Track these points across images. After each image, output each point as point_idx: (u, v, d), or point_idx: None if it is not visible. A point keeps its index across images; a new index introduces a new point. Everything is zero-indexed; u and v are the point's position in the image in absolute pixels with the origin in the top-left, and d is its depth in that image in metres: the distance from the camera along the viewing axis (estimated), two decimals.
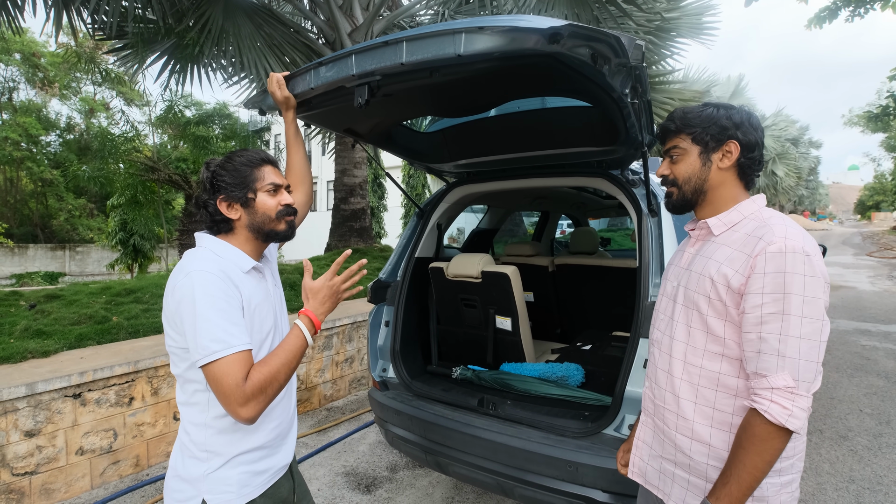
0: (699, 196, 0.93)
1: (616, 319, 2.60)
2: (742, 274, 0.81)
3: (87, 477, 2.24)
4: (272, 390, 0.87)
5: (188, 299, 0.85)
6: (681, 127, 0.93)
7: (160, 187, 10.55)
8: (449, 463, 1.68)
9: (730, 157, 0.90)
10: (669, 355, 0.93)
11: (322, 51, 5.29)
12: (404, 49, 1.06)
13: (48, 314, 2.95)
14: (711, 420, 0.86)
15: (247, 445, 0.94)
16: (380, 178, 15.52)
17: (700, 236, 0.95)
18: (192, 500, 0.91)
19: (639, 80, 1.15)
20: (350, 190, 6.26)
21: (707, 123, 0.90)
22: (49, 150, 16.36)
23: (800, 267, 0.77)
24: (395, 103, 1.48)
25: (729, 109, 0.91)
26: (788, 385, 0.75)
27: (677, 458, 0.91)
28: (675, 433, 0.91)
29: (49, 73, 15.43)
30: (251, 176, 0.97)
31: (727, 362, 0.85)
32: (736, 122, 0.89)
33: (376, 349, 2.04)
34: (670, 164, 0.95)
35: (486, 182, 2.09)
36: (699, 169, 0.92)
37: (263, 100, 1.38)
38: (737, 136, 0.89)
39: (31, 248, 16.33)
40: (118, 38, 4.96)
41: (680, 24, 5.55)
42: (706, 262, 0.88)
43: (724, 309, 0.84)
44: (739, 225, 0.88)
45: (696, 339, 0.88)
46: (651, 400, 0.98)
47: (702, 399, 0.87)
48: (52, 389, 2.11)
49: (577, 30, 0.96)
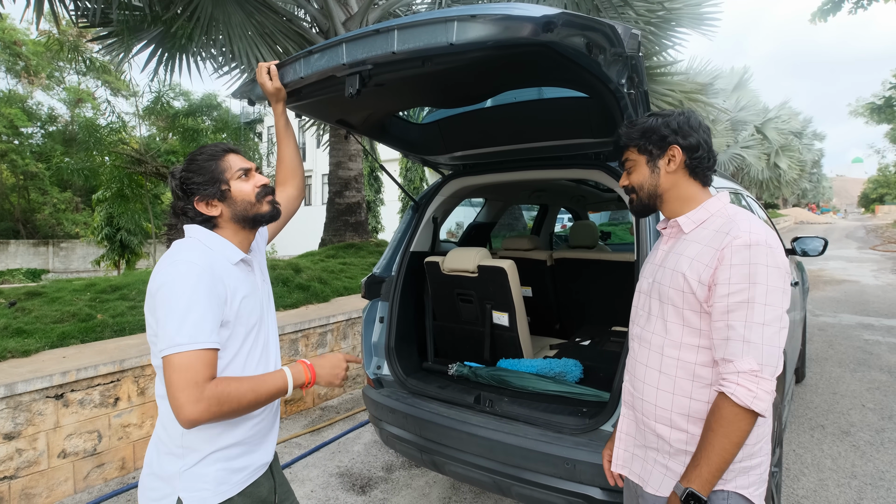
0: (655, 199, 1.00)
1: (616, 314, 2.58)
2: (710, 267, 0.87)
3: (69, 481, 2.16)
4: (228, 408, 0.82)
5: (168, 287, 0.84)
6: (626, 142, 1.01)
7: (148, 181, 10.34)
8: (445, 462, 1.65)
9: (674, 160, 0.97)
10: (648, 349, 0.97)
11: (316, 40, 5.17)
12: (395, 37, 1.05)
13: (29, 312, 2.85)
14: (689, 409, 0.91)
15: (225, 441, 0.91)
16: (376, 171, 15.40)
17: (672, 234, 1.00)
18: (167, 499, 0.88)
19: (635, 69, 1.14)
20: (345, 183, 6.17)
21: (648, 134, 0.97)
22: (32, 142, 15.96)
23: (762, 258, 0.83)
24: (388, 93, 1.45)
25: (667, 117, 0.98)
26: (753, 369, 0.80)
27: (659, 446, 0.95)
28: (654, 423, 0.95)
29: (32, 63, 15.00)
30: (218, 168, 0.96)
31: (703, 353, 0.90)
32: (674, 127, 0.96)
33: (371, 346, 2.00)
34: (627, 174, 1.04)
35: (483, 174, 2.06)
36: (649, 176, 0.99)
37: (252, 89, 1.35)
38: (677, 141, 0.96)
39: (11, 244, 15.94)
40: (103, 26, 4.80)
41: (681, 14, 5.52)
42: (678, 258, 0.94)
43: (696, 302, 0.89)
44: (708, 222, 0.94)
45: (673, 332, 0.93)
46: (630, 393, 1.03)
47: (679, 390, 0.91)
48: (32, 390, 2.03)
49: (572, 18, 0.95)
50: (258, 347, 0.97)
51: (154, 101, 9.67)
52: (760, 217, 0.79)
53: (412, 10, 6.23)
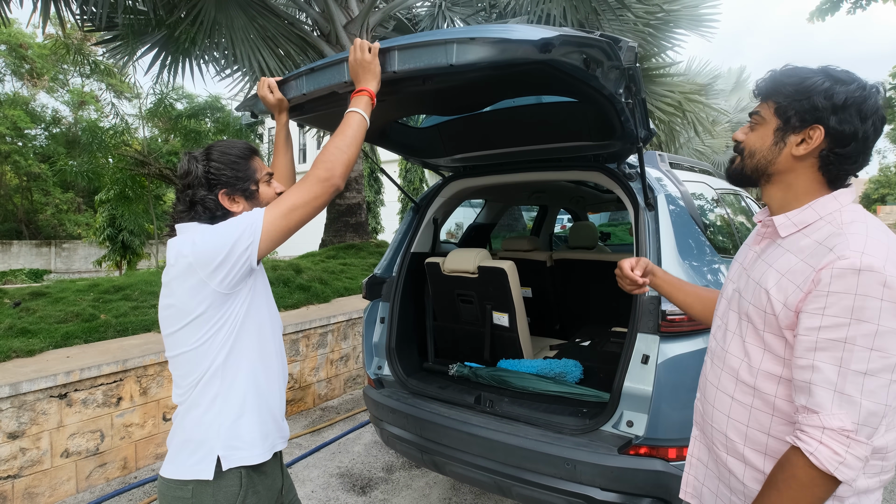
0: (760, 176, 0.78)
1: (616, 315, 2.58)
2: (801, 290, 0.68)
3: (72, 480, 2.18)
4: (343, 155, 0.95)
5: (213, 244, 0.89)
6: (771, 92, 0.75)
7: (150, 182, 10.38)
8: (445, 462, 1.66)
9: (808, 144, 0.72)
10: (721, 369, 0.81)
11: (317, 43, 5.20)
12: (396, 58, 1.06)
13: (33, 312, 2.87)
14: (765, 447, 0.74)
15: (253, 400, 0.95)
16: (376, 172, 15.43)
17: (766, 234, 0.81)
18: (206, 458, 0.90)
19: (632, 80, 1.16)
20: (345, 184, 6.18)
21: (798, 96, 0.71)
22: (36, 144, 16.03)
23: (876, 290, 0.63)
24: (389, 105, 1.48)
25: (837, 84, 0.70)
26: (845, 427, 0.63)
27: (732, 484, 0.80)
28: (725, 455, 0.80)
29: (37, 65, 15.10)
30: (251, 168, 0.99)
31: (785, 385, 0.72)
32: (836, 103, 0.69)
33: (371, 346, 2.01)
34: (748, 129, 0.80)
35: (483, 176, 2.07)
36: (768, 147, 0.75)
37: (255, 104, 1.36)
38: (826, 122, 0.70)
39: (14, 244, 15.99)
40: (108, 30, 4.84)
41: (679, 16, 5.55)
42: (765, 270, 0.75)
43: (779, 327, 0.72)
44: (811, 228, 0.72)
45: (752, 356, 0.76)
46: (700, 414, 0.88)
47: (755, 422, 0.75)
48: (36, 389, 2.05)
49: (569, 38, 0.96)
50: (269, 318, 1.01)
51: (157, 103, 9.72)
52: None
53: (412, 13, 6.27)
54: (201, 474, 0.88)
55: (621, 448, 1.36)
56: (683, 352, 1.33)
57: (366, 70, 1.03)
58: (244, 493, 0.90)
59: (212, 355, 0.92)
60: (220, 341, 0.92)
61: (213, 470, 0.88)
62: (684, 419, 1.34)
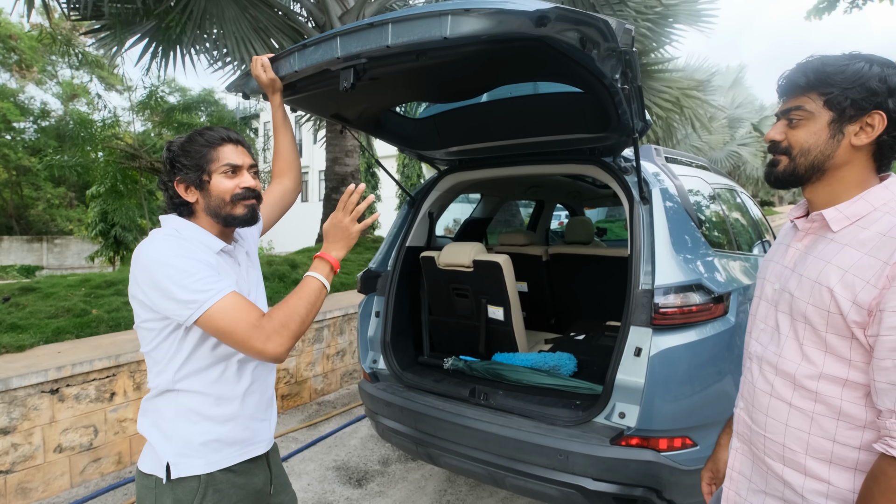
0: (814, 173, 0.73)
1: (610, 309, 2.60)
2: (874, 286, 0.64)
3: (66, 475, 2.17)
4: (294, 325, 0.85)
5: (157, 262, 0.84)
6: (814, 84, 0.71)
7: (142, 176, 10.24)
8: (440, 454, 1.67)
9: (869, 131, 0.69)
10: (773, 375, 0.76)
11: (311, 35, 5.13)
12: (390, 31, 1.05)
13: (23, 307, 2.84)
14: (831, 455, 0.70)
15: (213, 413, 0.91)
16: (373, 167, 15.36)
17: (811, 229, 0.76)
18: (157, 463, 0.89)
19: (629, 65, 1.14)
20: (342, 179, 6.14)
21: (850, 84, 0.68)
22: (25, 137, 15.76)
23: None
24: (383, 87, 1.46)
25: (886, 67, 0.69)
26: None
27: (786, 496, 0.75)
28: (782, 466, 0.75)
29: (25, 57, 14.79)
30: (207, 157, 0.92)
31: (851, 387, 0.69)
32: (891, 86, 0.68)
33: (367, 340, 2.01)
34: (787, 127, 0.75)
35: (479, 169, 2.07)
36: (825, 141, 0.71)
37: (247, 83, 1.34)
38: (886, 106, 0.68)
39: (5, 240, 15.78)
40: (95, 19, 4.73)
41: (678, 11, 5.53)
42: (823, 266, 0.70)
43: (845, 327, 0.67)
44: (867, 219, 0.69)
45: (813, 359, 0.71)
46: (747, 425, 0.82)
47: (818, 430, 0.71)
48: (27, 385, 2.03)
49: (565, 13, 0.95)
50: None
51: (148, 95, 9.56)
52: None
53: (409, 4, 6.19)
54: (158, 473, 0.89)
55: (613, 439, 1.37)
56: (675, 344, 1.34)
57: (340, 236, 0.94)
58: (203, 491, 0.89)
59: (164, 362, 0.89)
60: (171, 350, 0.88)
61: (164, 473, 0.88)
62: (675, 411, 1.36)
